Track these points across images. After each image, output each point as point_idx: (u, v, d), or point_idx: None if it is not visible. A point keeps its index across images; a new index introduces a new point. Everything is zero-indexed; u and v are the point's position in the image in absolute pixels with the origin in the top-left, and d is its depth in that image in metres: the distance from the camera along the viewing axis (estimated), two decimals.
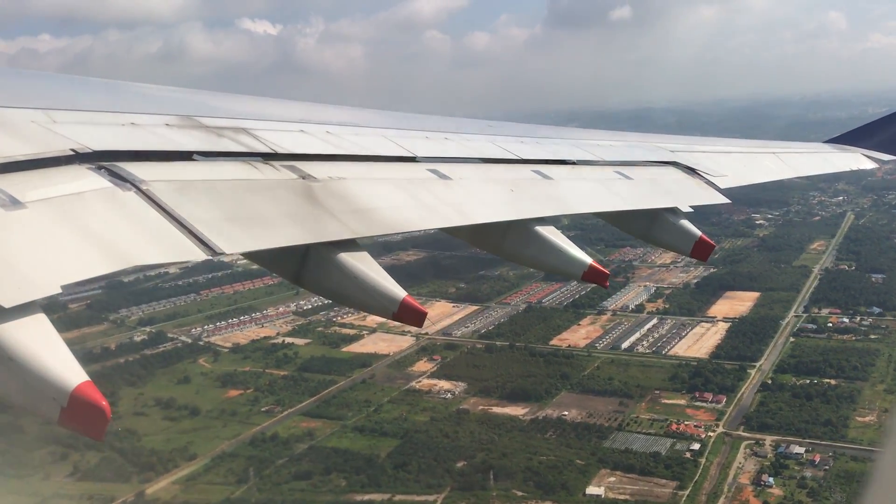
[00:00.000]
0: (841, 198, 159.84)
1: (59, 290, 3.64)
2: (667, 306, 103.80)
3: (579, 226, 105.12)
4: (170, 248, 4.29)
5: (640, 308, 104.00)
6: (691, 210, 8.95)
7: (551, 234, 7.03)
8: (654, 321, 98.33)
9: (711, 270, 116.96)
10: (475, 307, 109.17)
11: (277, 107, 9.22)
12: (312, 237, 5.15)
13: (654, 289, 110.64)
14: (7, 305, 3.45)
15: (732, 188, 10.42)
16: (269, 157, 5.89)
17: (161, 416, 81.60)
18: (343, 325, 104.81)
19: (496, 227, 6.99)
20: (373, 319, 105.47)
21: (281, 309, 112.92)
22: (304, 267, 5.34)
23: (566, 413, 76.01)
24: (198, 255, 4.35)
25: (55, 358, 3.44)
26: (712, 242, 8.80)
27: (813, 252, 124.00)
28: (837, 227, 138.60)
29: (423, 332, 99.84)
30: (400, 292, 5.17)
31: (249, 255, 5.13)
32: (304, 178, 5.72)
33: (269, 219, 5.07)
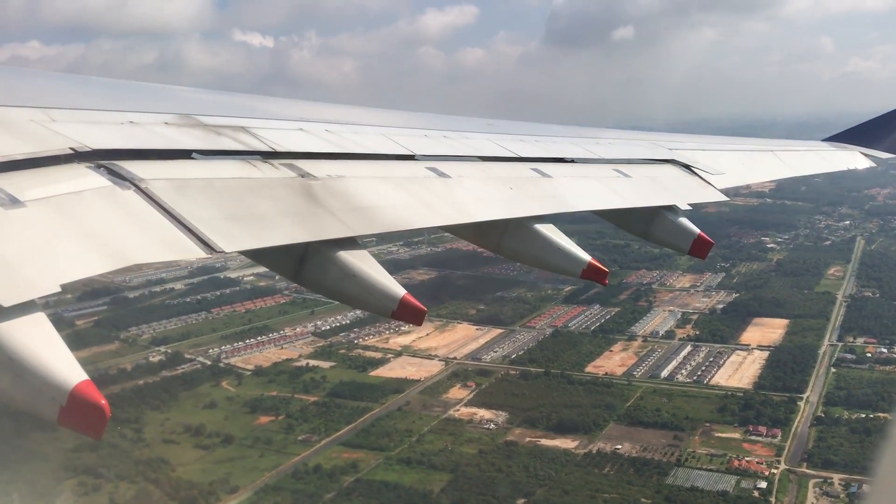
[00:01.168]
0: (847, 222, 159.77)
1: (59, 289, 3.63)
2: (697, 332, 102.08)
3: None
4: (169, 247, 4.32)
5: (670, 334, 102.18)
6: (689, 208, 9.01)
7: (550, 231, 7.07)
8: (689, 348, 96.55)
9: (734, 295, 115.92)
10: (499, 330, 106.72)
11: (276, 105, 9.17)
12: (312, 235, 5.20)
13: (679, 314, 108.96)
14: (6, 304, 3.46)
15: (730, 188, 10.55)
16: (269, 155, 5.93)
17: (192, 443, 78.13)
18: (366, 348, 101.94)
19: (495, 225, 7.04)
20: (396, 342, 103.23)
21: (298, 329, 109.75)
22: (304, 265, 5.36)
23: (619, 447, 73.75)
24: (197, 253, 4.38)
25: (54, 357, 3.45)
26: (710, 240, 8.76)
27: (832, 278, 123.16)
28: (849, 251, 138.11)
29: (451, 356, 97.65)
30: (399, 290, 5.19)
31: (249, 254, 5.10)
32: (303, 176, 5.76)
33: (268, 217, 5.12)
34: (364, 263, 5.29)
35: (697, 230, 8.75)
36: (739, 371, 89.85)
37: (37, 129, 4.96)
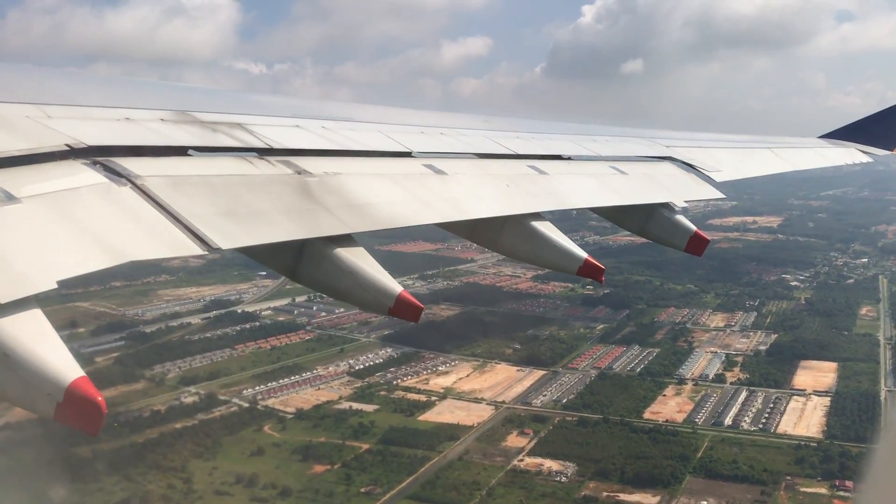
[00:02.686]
0: (865, 259, 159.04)
1: (55, 286, 3.63)
2: (746, 376, 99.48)
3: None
4: (165, 244, 4.31)
5: (720, 378, 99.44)
6: (686, 205, 9.10)
7: (547, 228, 7.11)
8: (745, 394, 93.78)
9: (773, 336, 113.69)
10: (541, 371, 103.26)
11: (272, 102, 9.03)
12: (308, 232, 5.18)
13: (723, 356, 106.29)
14: (2, 301, 3.48)
15: (728, 181, 10.65)
16: (265, 152, 5.97)
17: (247, 495, 73.62)
18: (407, 390, 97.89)
19: (492, 222, 7.07)
20: (437, 383, 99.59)
21: (331, 368, 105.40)
22: (300, 262, 5.40)
23: (705, 502, 70.55)
24: (193, 250, 4.35)
25: (51, 353, 3.46)
26: (707, 237, 8.85)
27: (866, 318, 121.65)
28: (875, 290, 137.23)
29: (499, 400, 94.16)
30: (396, 287, 5.23)
31: (245, 251, 5.06)
32: (299, 173, 5.79)
33: (264, 214, 5.12)
34: (361, 260, 5.30)
35: (694, 227, 8.79)
36: (804, 418, 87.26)
37: (32, 125, 4.92)
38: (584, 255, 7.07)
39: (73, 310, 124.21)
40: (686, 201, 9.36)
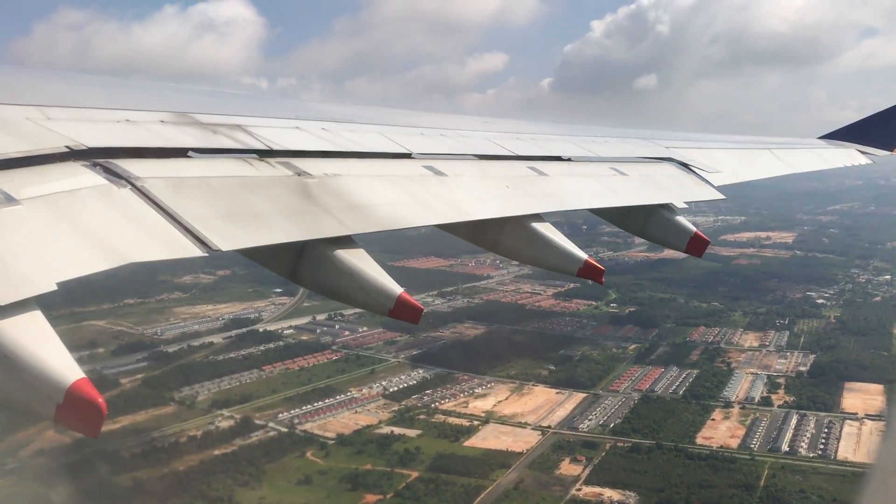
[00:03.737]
0: (888, 276, 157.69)
1: (55, 287, 3.62)
2: (793, 398, 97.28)
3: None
4: (166, 245, 4.29)
5: (766, 401, 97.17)
6: (686, 206, 9.18)
7: (547, 230, 7.19)
8: (796, 417, 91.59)
9: (811, 357, 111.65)
10: (581, 394, 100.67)
11: (272, 104, 9.59)
12: (308, 234, 5.21)
13: (765, 377, 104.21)
14: (3, 303, 3.46)
15: (727, 185, 10.69)
16: (265, 153, 5.96)
17: None
18: (447, 413, 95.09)
19: (492, 223, 7.14)
20: (476, 406, 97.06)
21: (365, 391, 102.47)
22: (301, 264, 5.40)
23: None
24: (194, 251, 4.37)
25: (51, 355, 3.47)
26: (707, 238, 8.99)
27: None
28: None
29: (544, 424, 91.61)
30: (396, 288, 5.26)
31: (245, 252, 5.00)
32: (299, 174, 5.79)
33: (265, 216, 5.10)
34: (361, 262, 5.30)
35: (694, 228, 8.93)
36: (861, 444, 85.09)
37: (32, 127, 4.86)
38: (584, 256, 7.04)
39: (88, 328, 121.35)
40: (686, 202, 9.14)
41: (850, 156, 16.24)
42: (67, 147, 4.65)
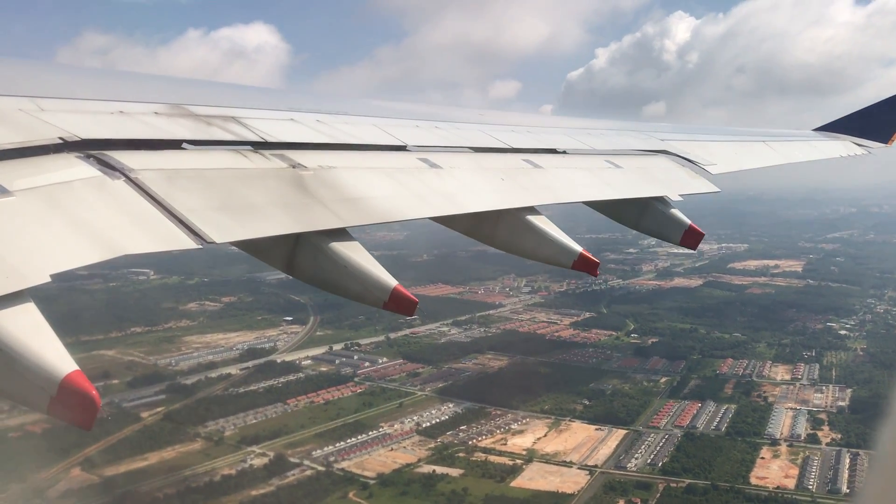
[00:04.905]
0: None
1: (48, 279, 3.60)
2: (839, 435, 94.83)
3: None
4: (159, 237, 4.25)
5: (813, 438, 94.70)
6: (681, 198, 9.08)
7: (542, 223, 7.12)
8: (849, 456, 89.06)
9: (848, 391, 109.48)
10: (621, 430, 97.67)
11: (267, 95, 9.01)
12: (303, 226, 5.16)
13: (805, 412, 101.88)
14: None
15: (724, 173, 10.77)
16: (259, 145, 5.89)
17: None
18: (487, 451, 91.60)
19: (487, 216, 7.07)
20: (515, 444, 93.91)
21: (396, 426, 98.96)
22: (295, 256, 5.36)
23: None
24: (188, 244, 4.29)
25: (44, 347, 3.42)
26: (701, 231, 8.89)
27: None
28: None
29: (589, 463, 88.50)
30: (391, 281, 5.23)
31: (240, 245, 5.01)
32: (294, 166, 5.74)
33: (259, 208, 5.06)
34: (355, 254, 5.28)
35: (688, 221, 8.77)
36: None
37: (25, 118, 4.84)
38: (579, 249, 7.03)
39: (98, 358, 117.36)
40: (681, 195, 9.11)
41: (845, 147, 15.99)
42: (61, 138, 4.63)
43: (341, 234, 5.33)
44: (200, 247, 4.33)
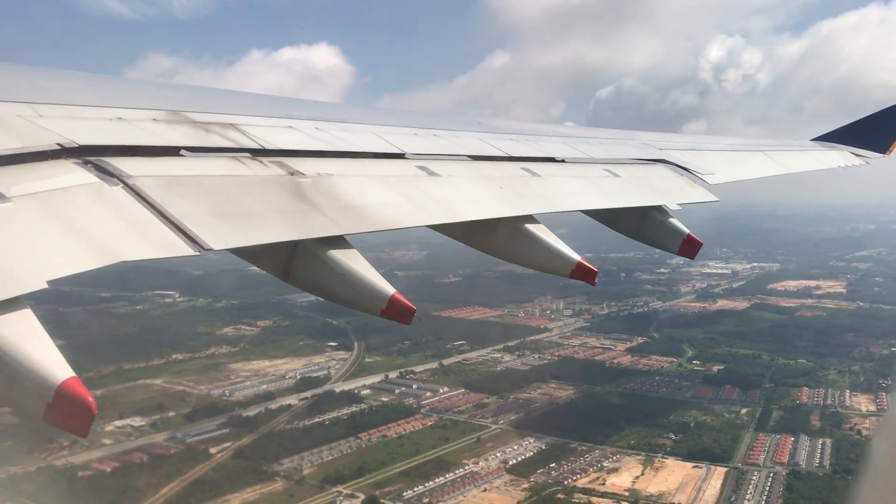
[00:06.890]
0: None
1: (45, 286, 3.58)
2: None
3: None
4: (157, 244, 4.22)
5: None
6: (679, 208, 8.98)
7: (540, 231, 7.06)
8: None
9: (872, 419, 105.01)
10: (720, 467, 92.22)
11: (265, 103, 8.99)
12: (301, 234, 5.09)
13: None
14: None
15: (722, 183, 10.67)
16: (258, 152, 5.78)
17: None
18: (588, 493, 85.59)
19: (485, 224, 6.98)
20: (613, 483, 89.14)
21: (482, 464, 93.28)
22: (293, 263, 5.26)
23: None
24: (185, 250, 4.26)
25: (41, 353, 3.39)
26: (699, 240, 8.73)
27: None
28: None
29: None
30: (389, 289, 5.12)
31: (237, 252, 4.96)
32: (292, 174, 5.63)
33: (257, 215, 5.00)
34: (353, 262, 5.20)
35: (687, 230, 8.66)
36: None
37: (23, 124, 4.80)
38: (577, 257, 6.91)
39: (147, 388, 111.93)
40: (679, 203, 9.06)
41: (843, 157, 15.95)
42: (59, 144, 4.53)
43: (339, 241, 5.24)
44: (198, 253, 4.25)
